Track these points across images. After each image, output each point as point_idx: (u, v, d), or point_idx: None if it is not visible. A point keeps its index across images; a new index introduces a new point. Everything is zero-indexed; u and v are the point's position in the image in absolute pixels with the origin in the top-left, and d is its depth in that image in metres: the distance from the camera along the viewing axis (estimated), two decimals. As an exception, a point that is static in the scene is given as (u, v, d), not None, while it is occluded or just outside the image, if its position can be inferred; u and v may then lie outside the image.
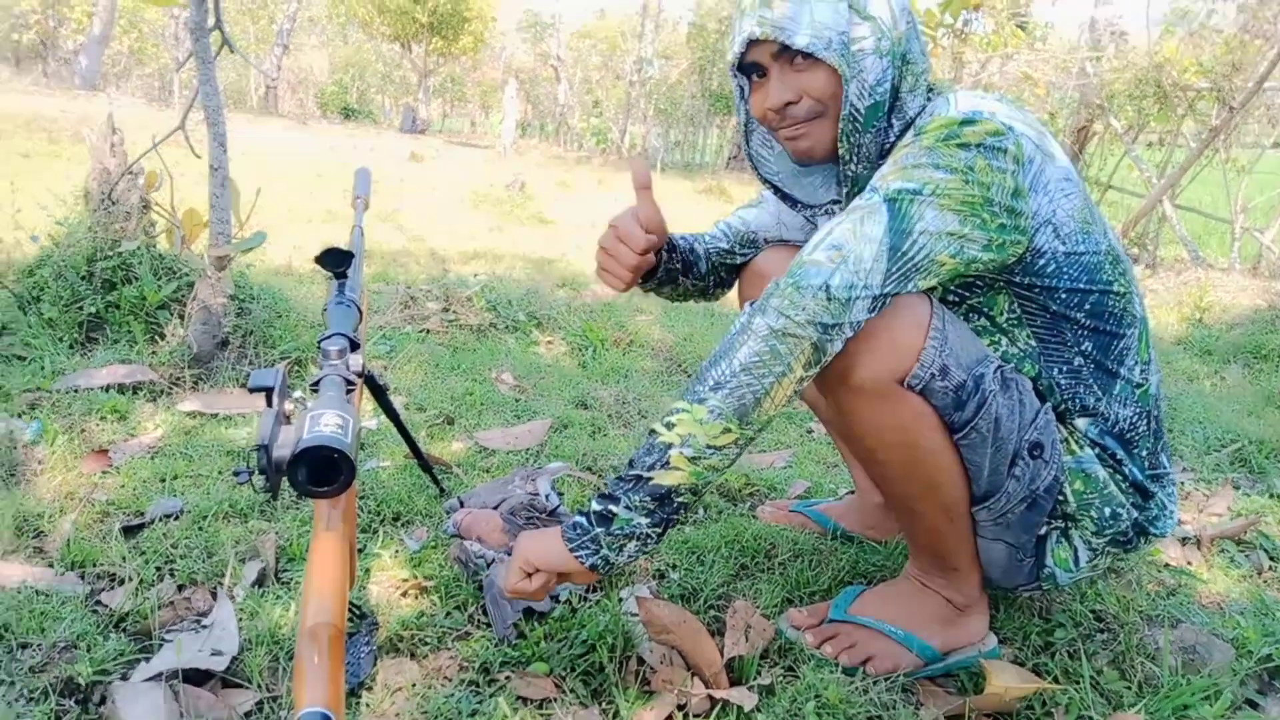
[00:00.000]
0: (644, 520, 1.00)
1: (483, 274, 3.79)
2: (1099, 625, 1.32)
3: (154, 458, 1.65)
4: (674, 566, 1.41)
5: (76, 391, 1.89)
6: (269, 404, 0.86)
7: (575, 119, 21.81)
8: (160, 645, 1.08)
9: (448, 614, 1.22)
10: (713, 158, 18.19)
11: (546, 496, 1.50)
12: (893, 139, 1.11)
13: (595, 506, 1.02)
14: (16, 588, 1.16)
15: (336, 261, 1.13)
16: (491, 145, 16.42)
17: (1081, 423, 1.13)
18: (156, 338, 2.19)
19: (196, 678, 1.02)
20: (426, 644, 1.16)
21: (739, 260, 1.44)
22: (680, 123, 18.93)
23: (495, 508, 1.46)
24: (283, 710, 0.99)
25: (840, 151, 1.11)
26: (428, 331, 2.80)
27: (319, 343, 0.96)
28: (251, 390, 0.87)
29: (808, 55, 1.05)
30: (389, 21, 21.36)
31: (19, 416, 1.73)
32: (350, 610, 1.11)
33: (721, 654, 1.15)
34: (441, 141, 16.77)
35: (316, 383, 0.94)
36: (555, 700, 1.07)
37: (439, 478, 1.56)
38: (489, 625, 1.21)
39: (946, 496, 1.11)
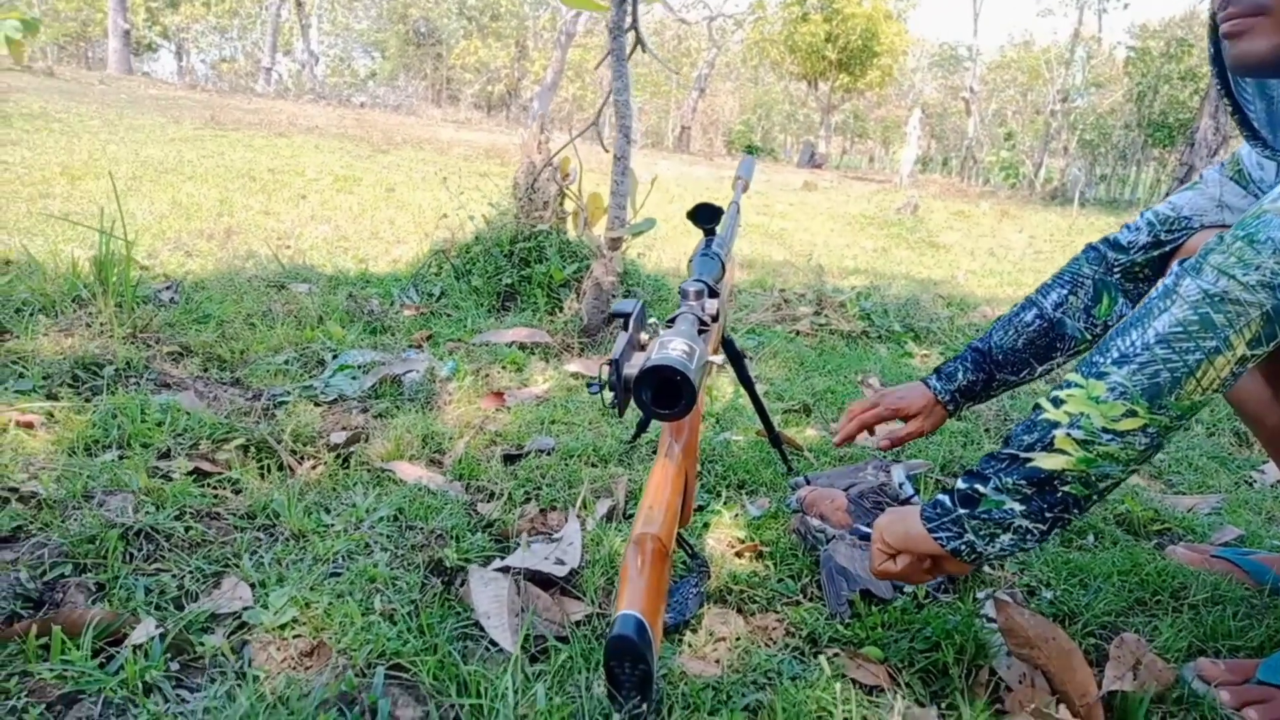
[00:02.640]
0: (1017, 506, 0.84)
1: (861, 286, 3.69)
2: None
3: (539, 405, 1.81)
4: (1047, 584, 1.20)
5: (487, 345, 2.16)
6: (625, 328, 0.88)
7: (983, 153, 20.66)
8: (515, 548, 1.15)
9: (780, 580, 1.16)
10: (1146, 194, 16.08)
11: (901, 485, 1.38)
12: None
13: (960, 485, 0.88)
14: (414, 483, 1.33)
15: (708, 217, 1.14)
16: (887, 179, 16.13)
17: None
18: (556, 309, 2.43)
19: (540, 581, 1.07)
20: (755, 602, 1.10)
21: (1166, 249, 1.21)
22: (1108, 156, 17.03)
23: (845, 490, 1.37)
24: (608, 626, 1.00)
25: None
26: (797, 333, 2.78)
27: (680, 288, 0.97)
28: (612, 315, 0.90)
29: None
30: (799, 60, 22.14)
31: (440, 359, 2.01)
32: (685, 549, 1.10)
33: (1099, 686, 0.94)
34: (837, 175, 16.87)
35: (672, 319, 0.94)
36: (887, 690, 0.96)
37: (788, 456, 1.51)
38: (822, 600, 1.12)
39: None
